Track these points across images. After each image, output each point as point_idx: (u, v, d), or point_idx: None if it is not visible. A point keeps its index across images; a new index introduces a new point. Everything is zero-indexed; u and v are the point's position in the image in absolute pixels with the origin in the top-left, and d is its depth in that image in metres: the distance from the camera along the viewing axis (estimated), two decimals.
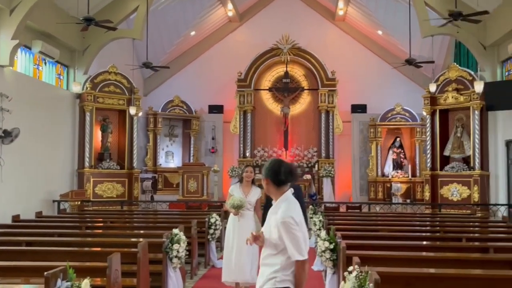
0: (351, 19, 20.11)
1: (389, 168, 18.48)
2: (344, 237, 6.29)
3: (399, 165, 18.41)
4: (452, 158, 15.08)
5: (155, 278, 6.23)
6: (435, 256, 5.75)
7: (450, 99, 14.80)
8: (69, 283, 3.75)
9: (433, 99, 15.23)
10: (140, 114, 16.45)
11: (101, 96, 15.39)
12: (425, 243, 6.96)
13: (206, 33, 20.51)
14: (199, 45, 20.73)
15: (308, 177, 17.45)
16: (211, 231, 9.33)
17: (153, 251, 6.33)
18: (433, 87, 14.99)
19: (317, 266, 8.85)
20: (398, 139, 18.61)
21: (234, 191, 6.99)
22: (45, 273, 3.64)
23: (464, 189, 14.29)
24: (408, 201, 17.09)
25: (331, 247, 6.23)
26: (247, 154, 18.98)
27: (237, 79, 19.02)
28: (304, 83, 19.55)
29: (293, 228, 3.47)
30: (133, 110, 15.59)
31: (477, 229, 9.02)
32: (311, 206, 10.97)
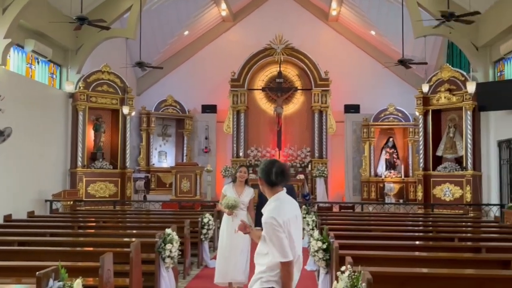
0: (344, 20, 20.15)
1: (382, 168, 18.53)
2: (337, 237, 6.30)
3: (392, 165, 18.46)
4: (444, 158, 15.14)
5: (147, 278, 6.22)
6: (427, 256, 5.77)
7: (442, 99, 14.86)
8: (61, 283, 3.73)
9: (425, 100, 15.28)
10: (133, 113, 16.41)
11: (94, 95, 15.34)
12: (417, 243, 6.98)
13: (199, 33, 20.49)
14: (193, 45, 20.71)
15: (301, 177, 17.47)
16: (204, 231, 9.31)
17: (145, 251, 6.31)
18: (425, 88, 15.05)
19: (310, 266, 8.86)
20: (391, 139, 18.66)
21: (227, 191, 6.98)
22: (37, 273, 3.62)
23: (456, 189, 14.35)
24: (401, 201, 17.14)
25: (324, 247, 6.23)
26: (240, 154, 18.98)
27: (230, 79, 19.01)
28: (297, 83, 19.57)
29: (275, 229, 3.42)
30: (126, 109, 15.55)
31: (469, 229, 9.06)
32: (304, 206, 10.98)
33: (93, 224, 9.66)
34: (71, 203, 13.14)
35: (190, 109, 19.63)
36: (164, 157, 19.52)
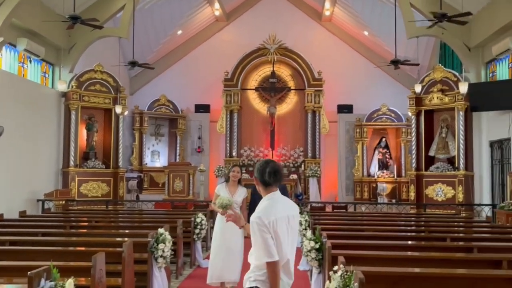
0: (337, 20, 20.18)
1: (374, 168, 18.58)
2: (329, 237, 6.30)
3: (384, 165, 18.52)
4: (437, 158, 15.20)
5: (140, 278, 6.20)
6: (420, 255, 5.79)
7: (435, 99, 14.92)
8: (52, 283, 3.71)
9: (418, 100, 15.34)
10: (126, 113, 16.36)
11: (86, 94, 15.29)
12: (410, 242, 6.99)
13: (193, 32, 20.46)
14: (186, 44, 20.68)
15: (294, 177, 17.48)
16: (197, 231, 9.30)
17: (138, 250, 6.30)
18: (418, 88, 15.11)
19: (303, 266, 8.86)
20: (383, 139, 18.72)
21: (220, 191, 6.98)
22: (29, 272, 3.60)
23: (448, 189, 14.41)
24: (393, 201, 17.20)
25: (317, 246, 6.24)
26: (233, 153, 18.97)
27: (223, 79, 19.00)
28: (290, 83, 19.59)
29: (260, 229, 3.41)
30: (119, 109, 15.51)
31: (461, 229, 9.10)
32: (297, 206, 10.98)
33: (86, 223, 9.62)
34: (63, 202, 13.08)
35: (183, 108, 19.60)
36: (157, 156, 19.48)
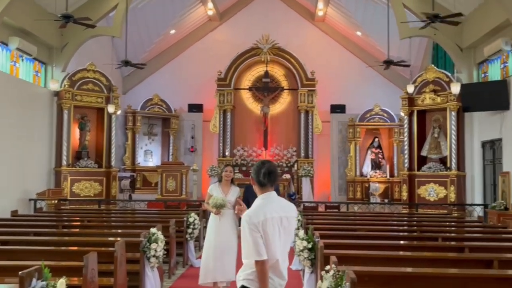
0: (330, 20, 20.22)
1: (367, 168, 18.63)
2: (322, 237, 6.32)
3: (377, 165, 18.58)
4: (429, 158, 15.26)
5: (132, 277, 6.19)
6: (412, 255, 5.81)
7: (427, 100, 14.98)
8: (44, 282, 3.70)
9: (410, 100, 15.39)
10: (118, 112, 16.31)
11: (79, 94, 15.24)
12: (402, 242, 7.02)
13: (186, 32, 20.43)
14: (179, 44, 20.65)
15: (287, 176, 17.49)
16: (190, 230, 9.29)
17: (131, 250, 6.28)
18: (410, 88, 15.16)
19: (295, 265, 8.88)
20: (376, 139, 18.77)
21: (213, 190, 6.98)
22: (20, 272, 3.59)
23: (440, 189, 14.47)
24: (386, 200, 17.26)
25: (309, 246, 6.25)
26: (226, 153, 18.97)
27: (217, 78, 19.00)
28: (284, 83, 19.61)
29: (249, 228, 3.46)
30: (111, 108, 15.46)
31: (453, 228, 9.14)
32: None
33: (78, 223, 9.58)
34: (56, 202, 13.03)
35: (176, 108, 19.57)
36: (149, 156, 19.44)
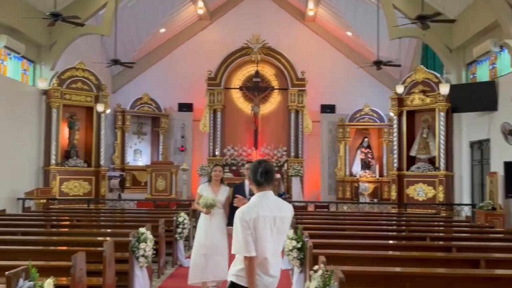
0: (321, 20, 20.26)
1: (357, 167, 18.70)
2: (311, 236, 6.34)
3: (367, 165, 18.65)
4: (418, 158, 15.33)
5: (122, 277, 6.18)
6: (400, 255, 5.85)
7: (416, 100, 15.05)
8: (31, 282, 3.68)
9: (400, 101, 15.46)
10: (108, 111, 16.25)
11: (68, 92, 15.15)
12: (391, 242, 7.06)
13: (176, 31, 20.38)
14: (169, 43, 20.58)
15: (277, 176, 17.49)
16: (179, 230, 9.28)
17: (120, 250, 6.27)
18: (400, 89, 15.23)
19: (285, 264, 8.88)
20: (366, 139, 18.84)
21: (203, 190, 6.98)
22: (6, 273, 3.57)
23: (429, 189, 14.55)
24: (375, 200, 17.33)
25: (298, 246, 6.26)
26: (216, 152, 18.95)
27: (207, 78, 18.97)
28: (274, 82, 19.63)
29: (241, 224, 3.57)
30: (101, 107, 15.40)
31: (441, 228, 9.20)
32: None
33: (67, 223, 9.55)
34: (44, 201, 12.96)
35: (166, 107, 19.51)
36: (139, 155, 19.38)
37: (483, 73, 13.75)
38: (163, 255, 8.55)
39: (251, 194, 6.59)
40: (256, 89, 19.29)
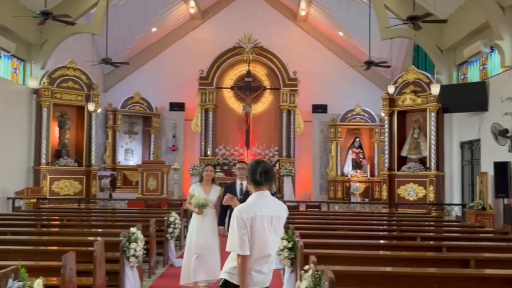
0: (313, 20, 20.29)
1: (348, 167, 18.75)
2: (302, 236, 6.34)
3: (358, 165, 18.70)
4: (409, 158, 15.39)
5: (112, 277, 6.16)
6: (391, 255, 5.86)
7: (407, 100, 15.11)
8: (21, 283, 3.66)
9: (391, 101, 15.51)
10: (99, 110, 16.18)
11: (59, 91, 15.07)
12: (381, 242, 7.08)
13: (167, 30, 20.33)
14: (161, 42, 20.53)
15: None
16: (170, 230, 9.25)
17: (110, 249, 6.24)
18: (391, 89, 15.29)
19: (276, 264, 8.88)
20: (357, 139, 18.90)
21: (195, 190, 6.97)
22: None
23: (420, 189, 14.62)
24: (366, 200, 17.38)
25: (289, 245, 6.26)
26: (208, 152, 18.93)
27: (199, 77, 18.94)
28: (266, 82, 19.64)
29: (238, 222, 3.60)
30: (91, 106, 15.33)
31: (432, 228, 9.24)
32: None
33: (57, 222, 9.48)
34: (35, 201, 12.88)
35: (157, 106, 19.46)
36: (130, 155, 19.31)
37: (473, 74, 13.83)
38: (154, 255, 8.53)
39: (242, 194, 6.61)
40: (248, 88, 19.29)
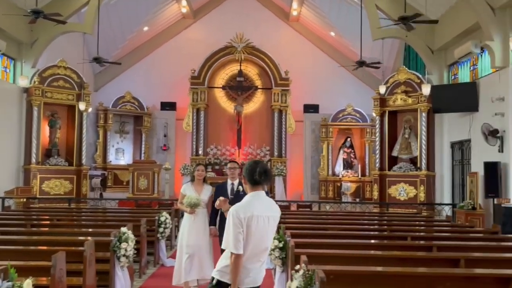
0: (304, 20, 20.31)
1: (339, 167, 18.78)
2: (293, 236, 6.34)
3: (349, 165, 18.75)
4: (400, 158, 15.46)
5: (102, 277, 6.12)
6: (381, 254, 5.87)
7: (398, 101, 15.18)
8: (10, 283, 3.63)
9: (382, 101, 15.57)
10: (89, 109, 16.13)
11: (49, 90, 15.00)
12: (372, 241, 7.09)
13: (159, 29, 20.27)
14: (152, 41, 20.47)
15: None
16: (161, 229, 9.23)
17: (101, 249, 6.21)
18: (382, 89, 15.35)
19: (267, 264, 8.89)
20: (348, 139, 18.95)
21: (186, 190, 6.96)
22: None
23: (411, 189, 14.68)
24: (357, 200, 17.42)
25: (280, 245, 6.26)
26: (199, 152, 18.90)
27: (190, 76, 18.91)
28: (258, 82, 19.63)
29: (234, 221, 3.62)
30: (82, 105, 15.26)
31: (422, 228, 9.27)
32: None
33: (47, 222, 9.43)
34: (24, 200, 12.80)
35: (148, 106, 19.40)
36: (121, 154, 19.23)
37: (464, 74, 13.91)
38: (144, 255, 8.50)
39: (233, 193, 6.60)
40: (239, 88, 19.28)
